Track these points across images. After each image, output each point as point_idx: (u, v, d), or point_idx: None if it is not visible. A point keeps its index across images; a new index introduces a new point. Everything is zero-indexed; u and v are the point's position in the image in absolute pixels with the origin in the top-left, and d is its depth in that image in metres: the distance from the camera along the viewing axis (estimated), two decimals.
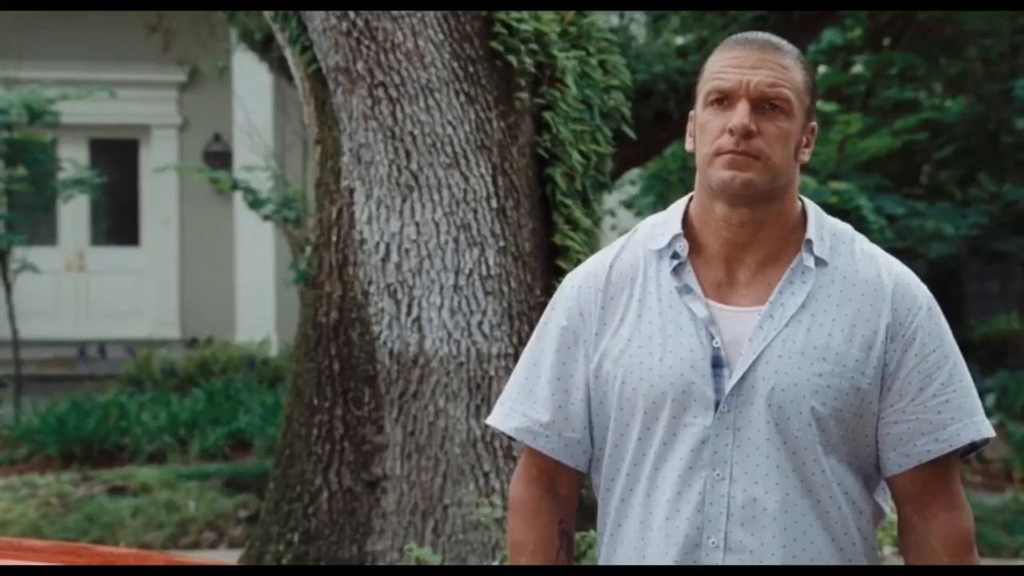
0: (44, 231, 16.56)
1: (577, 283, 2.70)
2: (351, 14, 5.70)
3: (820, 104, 14.02)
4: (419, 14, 5.73)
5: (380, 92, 5.78)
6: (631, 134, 6.64)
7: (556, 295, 2.73)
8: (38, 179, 13.09)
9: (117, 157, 17.46)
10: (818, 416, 2.51)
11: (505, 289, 5.88)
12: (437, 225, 5.84)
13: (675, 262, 2.60)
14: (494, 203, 5.89)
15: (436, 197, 5.84)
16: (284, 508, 5.98)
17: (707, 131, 2.54)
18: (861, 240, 2.66)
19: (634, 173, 13.33)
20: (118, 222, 17.69)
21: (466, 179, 5.87)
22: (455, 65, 5.81)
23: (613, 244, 2.72)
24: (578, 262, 6.15)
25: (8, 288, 12.63)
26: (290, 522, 5.95)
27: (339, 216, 5.99)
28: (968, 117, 15.25)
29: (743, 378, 2.52)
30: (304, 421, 5.98)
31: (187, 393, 12.55)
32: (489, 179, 5.91)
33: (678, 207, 2.70)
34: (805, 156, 2.59)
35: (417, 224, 5.84)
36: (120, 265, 17.37)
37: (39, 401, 12.51)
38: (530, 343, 2.73)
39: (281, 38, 6.32)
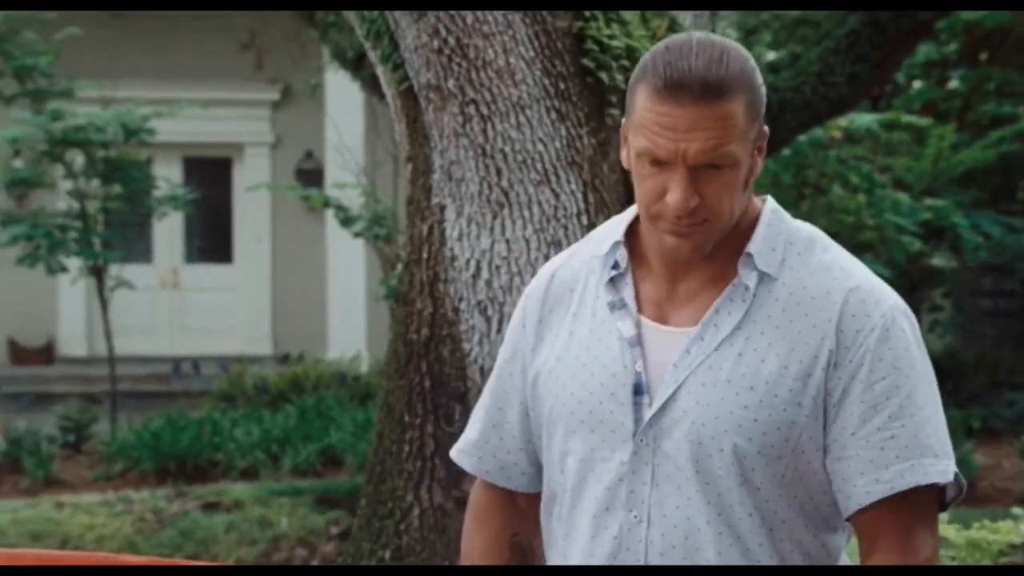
0: (139, 248, 16.75)
1: (527, 291, 2.44)
2: (442, 31, 5.71)
3: (914, 119, 13.78)
4: (510, 31, 5.73)
5: (471, 109, 5.79)
6: None
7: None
8: (133, 197, 13.24)
9: (211, 175, 17.64)
10: (742, 454, 2.18)
11: None
12: (528, 242, 5.84)
13: (613, 272, 2.31)
14: (584, 220, 5.88)
15: (527, 214, 5.83)
16: (375, 525, 5.99)
17: (643, 186, 2.21)
18: (823, 248, 2.30)
19: None
20: (211, 239, 17.85)
21: (557, 196, 5.86)
22: (546, 82, 5.81)
23: (567, 249, 2.47)
24: None
25: (104, 305, 12.78)
26: (381, 539, 5.96)
27: (430, 233, 6.00)
28: None
29: (663, 408, 2.21)
30: (395, 438, 5.99)
31: (279, 409, 12.63)
32: (580, 196, 5.89)
33: (629, 211, 2.37)
34: (759, 168, 2.26)
35: (508, 241, 5.84)
36: (213, 282, 17.53)
37: (134, 417, 12.64)
38: None
39: (373, 56, 6.35)
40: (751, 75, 2.18)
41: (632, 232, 2.32)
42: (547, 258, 5.83)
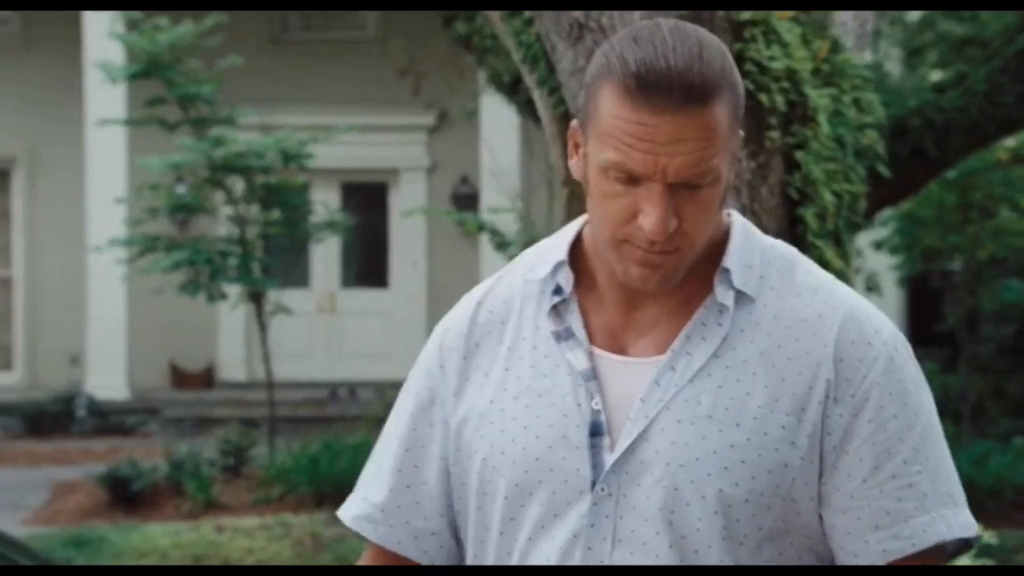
0: (296, 273, 16.93)
1: (443, 326, 2.03)
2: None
3: None
4: None
5: None
6: (885, 172, 6.46)
7: (427, 343, 2.09)
8: (292, 222, 13.38)
9: (367, 200, 17.79)
10: (727, 501, 1.83)
11: None
12: None
13: (556, 298, 1.93)
14: None
15: None
16: None
17: (607, 206, 1.85)
18: (806, 268, 1.95)
19: (886, 213, 13.02)
20: (368, 264, 17.99)
21: None
22: None
23: (493, 275, 2.06)
24: None
25: (263, 330, 12.91)
26: None
27: None
28: None
29: (630, 450, 1.85)
30: None
31: None
32: None
33: (570, 228, 1.99)
34: (731, 182, 1.94)
35: None
36: (369, 307, 17.66)
37: (292, 442, 12.74)
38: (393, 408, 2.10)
39: (529, 80, 6.31)
40: (732, 72, 1.85)
41: (575, 250, 1.95)
42: None
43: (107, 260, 14.25)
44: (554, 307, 1.93)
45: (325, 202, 15.24)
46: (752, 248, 1.93)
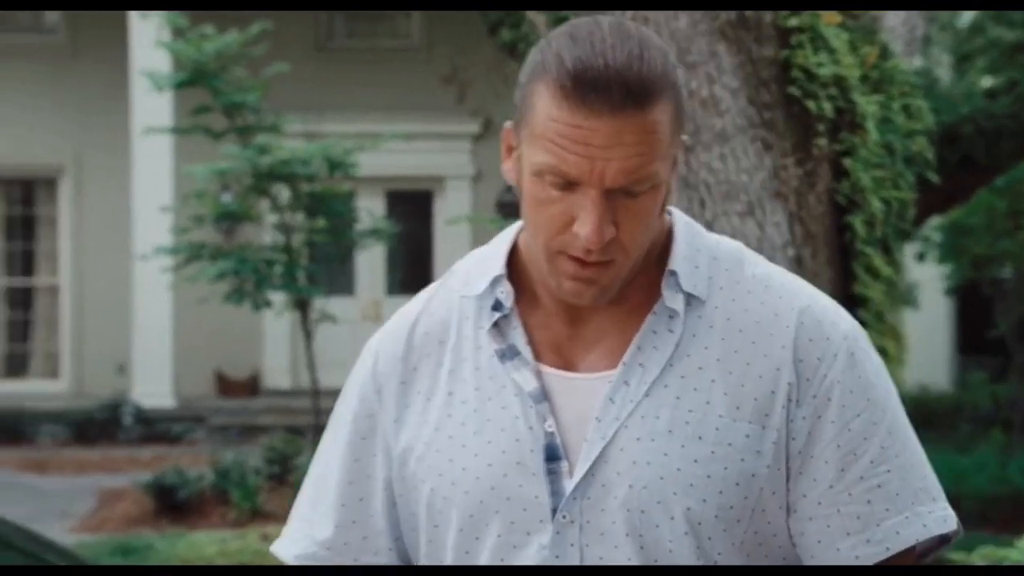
0: (341, 281, 16.94)
1: (374, 348, 1.90)
2: None
3: None
4: (715, 61, 5.62)
5: None
6: (934, 179, 6.40)
7: (356, 365, 1.94)
8: (337, 230, 13.39)
9: (412, 208, 17.80)
10: (697, 519, 1.74)
11: None
12: None
13: (496, 314, 1.82)
14: (790, 252, 5.72)
15: None
16: None
17: (543, 213, 1.76)
18: (754, 263, 1.86)
19: (926, 225, 12.92)
20: (412, 272, 18.00)
21: (761, 227, 5.71)
22: (751, 112, 5.68)
23: (423, 292, 1.93)
24: (878, 313, 5.93)
25: (308, 338, 12.92)
26: None
27: None
28: None
29: (590, 474, 1.74)
30: None
31: None
32: (785, 227, 5.74)
33: (504, 237, 1.91)
34: (675, 188, 1.84)
35: None
36: None
37: None
38: (324, 436, 1.94)
39: None
40: (674, 74, 1.74)
41: (512, 261, 1.86)
42: None
43: (153, 268, 14.30)
44: (495, 324, 1.82)
45: (370, 210, 15.24)
46: (698, 247, 1.85)
